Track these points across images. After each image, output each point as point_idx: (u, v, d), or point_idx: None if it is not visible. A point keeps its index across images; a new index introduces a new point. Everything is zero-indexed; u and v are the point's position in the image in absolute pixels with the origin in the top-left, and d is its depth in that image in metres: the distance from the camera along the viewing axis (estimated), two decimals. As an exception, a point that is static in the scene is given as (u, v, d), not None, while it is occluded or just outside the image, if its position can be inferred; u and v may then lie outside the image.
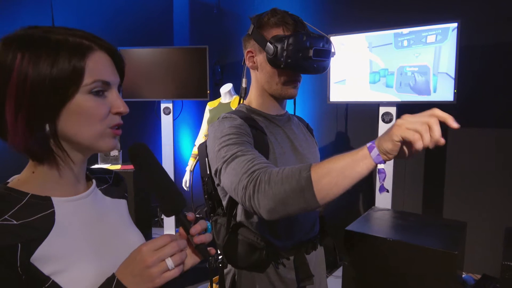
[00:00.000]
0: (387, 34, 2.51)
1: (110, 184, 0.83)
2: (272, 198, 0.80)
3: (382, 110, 2.61)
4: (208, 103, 3.20)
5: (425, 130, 0.66)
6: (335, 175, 0.75)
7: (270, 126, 1.13)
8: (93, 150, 0.69)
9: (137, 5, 3.91)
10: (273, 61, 1.05)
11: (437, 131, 0.66)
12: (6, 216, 0.60)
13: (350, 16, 3.13)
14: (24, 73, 0.60)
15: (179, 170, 3.73)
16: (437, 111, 0.68)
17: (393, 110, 2.58)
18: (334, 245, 1.28)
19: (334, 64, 2.72)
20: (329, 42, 1.09)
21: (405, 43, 2.47)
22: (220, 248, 1.11)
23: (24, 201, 0.63)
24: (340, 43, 2.68)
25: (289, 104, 1.27)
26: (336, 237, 1.55)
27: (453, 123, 0.67)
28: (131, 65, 3.44)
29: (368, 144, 0.74)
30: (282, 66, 1.03)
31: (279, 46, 1.02)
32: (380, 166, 0.74)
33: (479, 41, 2.58)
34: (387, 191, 0.75)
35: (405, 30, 2.43)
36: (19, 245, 0.58)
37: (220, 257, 1.14)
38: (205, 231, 0.70)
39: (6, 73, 0.60)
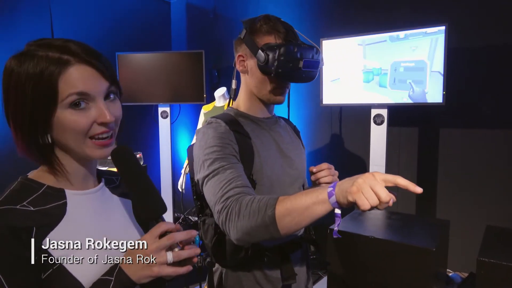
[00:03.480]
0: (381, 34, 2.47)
1: (117, 185, 0.88)
2: (241, 230, 0.89)
3: (373, 112, 2.64)
4: (203, 107, 3.25)
5: (376, 202, 0.74)
6: (296, 215, 0.84)
7: (257, 130, 1.15)
8: (85, 157, 0.73)
9: (136, 12, 3.98)
10: (263, 68, 1.06)
11: (383, 206, 0.74)
12: (24, 203, 0.68)
13: (341, 19, 3.17)
14: (16, 93, 0.66)
15: (177, 173, 3.78)
16: (400, 180, 0.73)
17: (384, 112, 2.61)
18: (317, 244, 1.31)
19: (328, 63, 2.73)
20: (318, 53, 1.11)
21: (402, 34, 2.37)
22: (208, 248, 1.13)
23: (41, 191, 0.71)
24: (332, 43, 2.70)
25: (283, 108, 1.28)
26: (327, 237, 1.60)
27: (416, 189, 0.72)
28: (129, 70, 3.50)
29: (329, 190, 0.81)
30: (272, 74, 1.06)
31: (270, 55, 1.04)
32: (336, 210, 0.81)
33: (467, 44, 2.61)
34: (339, 236, 0.93)
35: (397, 32, 2.41)
36: (34, 228, 0.66)
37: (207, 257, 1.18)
38: (193, 243, 0.71)
39: (5, 92, 0.68)
